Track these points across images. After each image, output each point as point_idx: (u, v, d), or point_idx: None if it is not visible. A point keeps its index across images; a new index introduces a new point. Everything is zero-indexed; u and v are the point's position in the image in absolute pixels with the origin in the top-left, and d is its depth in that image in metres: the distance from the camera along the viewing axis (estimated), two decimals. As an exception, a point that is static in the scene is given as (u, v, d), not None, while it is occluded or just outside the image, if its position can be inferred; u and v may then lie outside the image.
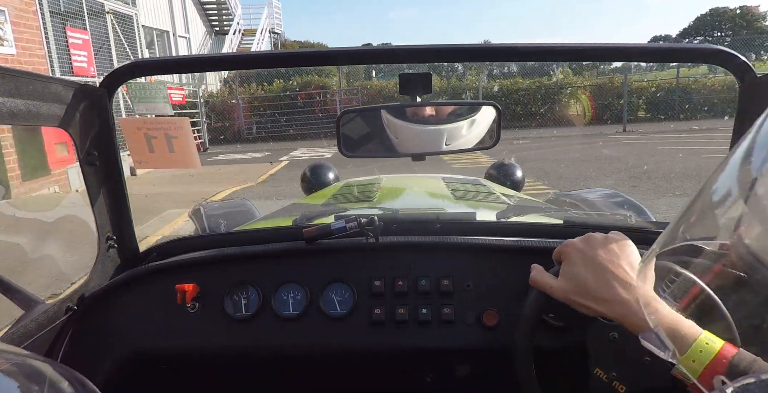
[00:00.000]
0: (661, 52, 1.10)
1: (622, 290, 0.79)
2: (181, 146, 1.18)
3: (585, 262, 0.84)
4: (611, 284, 0.80)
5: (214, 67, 1.10)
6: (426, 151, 1.18)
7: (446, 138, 1.17)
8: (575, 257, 0.85)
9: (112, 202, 1.12)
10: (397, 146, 1.18)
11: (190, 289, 1.09)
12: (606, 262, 0.82)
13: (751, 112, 0.98)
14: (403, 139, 1.17)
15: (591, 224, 1.31)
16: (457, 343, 1.07)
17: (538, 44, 1.04)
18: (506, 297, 1.08)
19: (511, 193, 2.40)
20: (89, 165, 1.06)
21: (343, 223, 1.14)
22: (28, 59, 7.93)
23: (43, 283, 3.60)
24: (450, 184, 2.29)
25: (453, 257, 1.13)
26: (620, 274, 0.81)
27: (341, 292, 1.11)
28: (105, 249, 1.13)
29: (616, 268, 0.82)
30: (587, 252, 0.84)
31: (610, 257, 0.83)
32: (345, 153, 1.14)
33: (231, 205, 2.76)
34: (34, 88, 0.90)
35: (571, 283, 0.84)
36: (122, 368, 1.09)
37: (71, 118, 1.00)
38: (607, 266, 0.82)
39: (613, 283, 0.80)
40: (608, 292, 0.80)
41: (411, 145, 1.19)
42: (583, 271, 0.83)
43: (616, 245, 0.85)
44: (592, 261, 0.83)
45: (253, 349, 1.09)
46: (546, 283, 0.87)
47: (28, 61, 7.92)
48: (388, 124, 1.16)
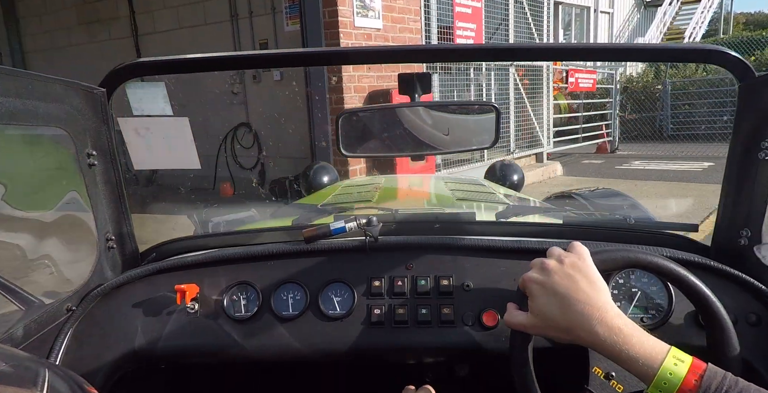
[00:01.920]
0: (660, 52, 1.10)
1: (586, 318, 0.78)
2: (181, 146, 1.18)
3: (546, 294, 0.83)
4: (575, 314, 0.79)
5: (217, 67, 1.10)
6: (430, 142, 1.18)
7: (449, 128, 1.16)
8: (536, 291, 0.84)
9: (112, 202, 1.12)
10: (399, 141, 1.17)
11: (189, 289, 1.09)
12: (565, 290, 0.81)
13: (750, 112, 0.98)
14: (410, 122, 1.16)
15: (590, 224, 1.31)
16: (457, 343, 1.07)
17: (537, 44, 1.05)
18: (506, 297, 1.08)
19: (511, 193, 2.40)
20: (89, 165, 1.06)
21: (343, 223, 1.14)
22: (397, 34, 6.41)
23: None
24: (449, 184, 2.29)
25: (452, 257, 1.13)
26: (581, 298, 0.80)
27: (341, 292, 1.12)
28: (105, 249, 1.13)
29: (576, 292, 0.81)
30: (545, 282, 0.84)
31: (568, 282, 0.82)
32: (345, 153, 1.14)
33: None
34: (34, 88, 0.90)
35: (539, 318, 0.84)
36: (122, 368, 1.09)
37: (71, 118, 1.00)
38: (568, 294, 0.81)
39: (576, 312, 0.79)
40: (574, 322, 0.79)
41: (418, 129, 1.18)
42: (546, 304, 0.83)
43: (571, 267, 0.84)
44: (552, 291, 0.82)
45: (253, 349, 1.09)
46: (519, 323, 0.87)
47: (396, 37, 6.43)
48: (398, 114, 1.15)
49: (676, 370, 0.71)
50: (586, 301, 0.80)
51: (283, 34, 6.81)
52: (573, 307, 0.80)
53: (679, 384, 0.70)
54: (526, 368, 0.88)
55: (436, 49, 1.03)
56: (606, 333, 0.76)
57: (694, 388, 0.69)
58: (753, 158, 0.98)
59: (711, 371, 0.71)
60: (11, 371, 0.48)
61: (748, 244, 1.04)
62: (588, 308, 0.79)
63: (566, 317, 0.80)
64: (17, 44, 10.07)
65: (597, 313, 0.78)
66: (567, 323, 0.80)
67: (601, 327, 0.77)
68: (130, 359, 1.08)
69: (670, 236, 1.19)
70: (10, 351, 0.56)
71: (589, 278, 0.82)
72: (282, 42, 6.95)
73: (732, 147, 1.03)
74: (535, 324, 0.84)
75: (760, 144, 0.97)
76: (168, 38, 8.12)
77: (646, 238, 1.19)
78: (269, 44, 7.09)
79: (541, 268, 0.85)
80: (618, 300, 1.04)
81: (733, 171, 1.03)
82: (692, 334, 1.01)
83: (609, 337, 0.76)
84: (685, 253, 1.10)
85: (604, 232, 1.21)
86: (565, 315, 0.80)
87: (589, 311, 0.78)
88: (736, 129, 1.01)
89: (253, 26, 7.27)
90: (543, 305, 0.83)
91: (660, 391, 0.72)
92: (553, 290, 0.82)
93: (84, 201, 1.07)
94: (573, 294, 0.80)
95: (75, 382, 0.53)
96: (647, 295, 1.04)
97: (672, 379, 0.71)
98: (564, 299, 0.81)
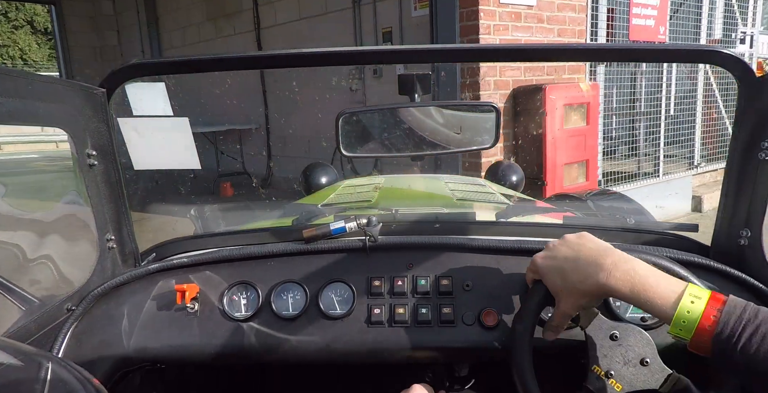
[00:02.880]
0: (659, 53, 1.10)
1: (600, 268, 0.81)
2: (182, 146, 1.18)
3: (556, 264, 0.87)
4: (589, 268, 0.82)
5: (216, 67, 1.10)
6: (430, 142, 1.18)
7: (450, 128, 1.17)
8: (546, 267, 0.89)
9: (112, 202, 1.12)
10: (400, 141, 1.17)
11: (189, 289, 1.09)
12: (574, 254, 0.86)
13: (750, 112, 0.98)
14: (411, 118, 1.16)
15: (590, 224, 1.31)
16: (457, 342, 1.07)
17: (537, 45, 1.05)
18: (506, 297, 1.08)
19: (510, 193, 2.40)
20: (89, 165, 1.06)
21: (343, 223, 1.14)
22: (554, 13, 5.04)
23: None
24: (449, 184, 2.29)
25: (452, 257, 1.13)
26: (591, 254, 0.84)
27: (341, 292, 1.12)
28: (105, 249, 1.13)
29: (585, 252, 0.85)
30: (553, 256, 0.88)
31: (575, 249, 0.86)
32: (344, 153, 1.14)
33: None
34: (34, 89, 0.90)
35: (564, 295, 0.87)
36: (122, 368, 1.09)
37: (71, 119, 1.00)
38: (577, 256, 0.85)
39: (589, 265, 0.82)
40: (590, 276, 0.82)
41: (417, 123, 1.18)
42: (560, 275, 0.86)
43: (575, 238, 0.89)
44: (562, 259, 0.86)
45: (253, 349, 1.09)
46: (560, 320, 0.91)
47: (554, 16, 5.04)
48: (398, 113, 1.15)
49: (693, 307, 0.72)
50: (596, 255, 0.83)
51: (409, 20, 5.86)
52: (585, 262, 0.83)
53: (697, 321, 0.71)
54: (526, 368, 0.88)
55: (417, 50, 1.03)
56: (622, 277, 0.78)
57: (713, 323, 0.70)
58: (753, 158, 0.98)
59: (730, 305, 0.71)
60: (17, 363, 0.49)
61: (748, 244, 1.04)
62: (600, 259, 0.81)
63: (581, 274, 0.82)
64: (156, 43, 9.98)
65: (609, 260, 0.81)
66: (586, 282, 0.82)
67: (617, 271, 0.79)
68: (129, 359, 1.08)
69: (670, 236, 1.19)
70: (15, 344, 0.57)
71: (593, 241, 0.86)
72: (408, 29, 5.93)
73: (732, 147, 1.03)
74: (565, 305, 0.87)
75: (760, 144, 0.97)
76: (287, 30, 7.52)
77: (647, 239, 1.19)
78: (393, 33, 6.09)
79: (546, 248, 0.91)
80: (618, 300, 1.04)
81: (733, 171, 1.03)
82: None
83: (625, 281, 0.77)
84: (686, 253, 1.10)
85: (604, 233, 1.21)
86: (579, 274, 0.83)
87: (602, 261, 0.81)
88: (736, 129, 1.01)
89: (377, 13, 6.30)
90: (557, 278, 0.86)
91: (681, 329, 0.72)
92: (562, 258, 0.86)
93: (84, 201, 1.07)
94: (582, 255, 0.84)
95: (80, 373, 0.53)
96: None
97: (690, 316, 0.71)
98: (575, 261, 0.84)
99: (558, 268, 0.86)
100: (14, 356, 0.50)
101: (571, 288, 0.85)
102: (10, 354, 0.50)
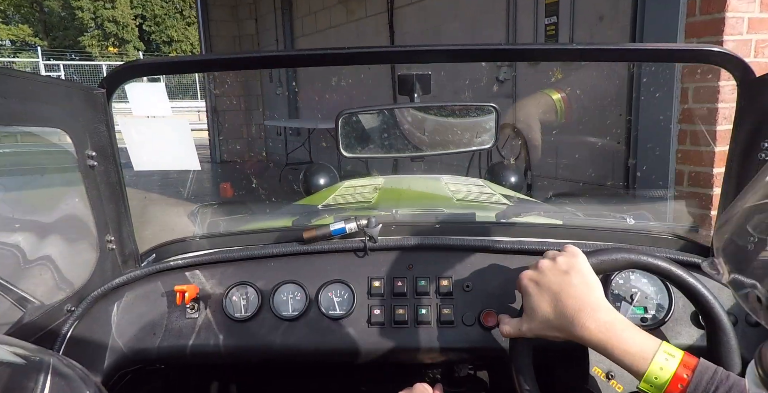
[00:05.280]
0: (658, 53, 1.10)
1: (578, 314, 0.79)
2: (181, 146, 1.18)
3: (540, 291, 0.85)
4: (567, 310, 0.80)
5: (216, 67, 1.10)
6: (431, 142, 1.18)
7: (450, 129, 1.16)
8: (530, 289, 0.86)
9: (112, 202, 1.12)
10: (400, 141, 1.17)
11: (189, 289, 1.09)
12: (557, 287, 0.83)
13: (750, 112, 0.98)
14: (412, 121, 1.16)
15: (589, 225, 1.31)
16: (457, 343, 1.07)
17: (536, 45, 1.04)
18: (506, 297, 1.08)
19: (510, 193, 2.40)
20: (89, 166, 1.06)
21: (343, 224, 1.14)
22: None
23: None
24: (449, 184, 2.29)
25: (452, 257, 1.13)
26: (573, 294, 0.81)
27: (341, 292, 1.12)
28: (105, 250, 1.13)
29: (568, 289, 0.82)
30: (539, 280, 0.85)
31: (561, 280, 0.83)
32: (344, 153, 1.14)
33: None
34: (35, 89, 0.90)
35: (534, 319, 0.85)
36: (121, 369, 1.09)
37: (71, 119, 1.00)
38: (560, 290, 0.82)
39: (568, 307, 0.80)
40: (566, 318, 0.80)
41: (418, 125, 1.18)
42: (540, 301, 0.84)
43: (564, 264, 0.85)
44: (546, 288, 0.84)
45: (253, 350, 1.09)
46: (516, 330, 0.88)
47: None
48: (397, 115, 1.15)
49: (667, 365, 0.71)
50: (578, 297, 0.81)
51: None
52: (565, 302, 0.81)
53: (670, 379, 0.71)
54: (526, 371, 0.88)
55: (416, 50, 1.02)
56: (598, 328, 0.77)
57: (685, 382, 0.70)
58: (753, 158, 0.98)
59: (702, 366, 0.71)
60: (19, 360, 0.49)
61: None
62: (580, 304, 0.80)
63: (559, 314, 0.81)
64: (289, 30, 9.83)
65: (588, 308, 0.79)
66: (559, 320, 0.81)
67: (593, 322, 0.78)
68: (129, 360, 1.08)
69: (669, 237, 1.19)
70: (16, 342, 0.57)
71: (581, 276, 0.83)
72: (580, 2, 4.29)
73: (732, 147, 1.03)
74: (529, 326, 0.85)
75: (760, 144, 0.97)
76: (422, 9, 6.28)
77: (646, 239, 1.19)
78: (560, 4, 4.39)
79: (536, 267, 0.87)
80: (618, 300, 1.04)
81: (733, 171, 1.03)
82: (692, 334, 1.01)
83: (601, 333, 0.77)
84: (685, 253, 1.10)
85: (604, 233, 1.21)
86: (557, 312, 0.81)
87: (581, 307, 0.79)
88: (735, 129, 1.01)
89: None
90: (536, 303, 0.84)
91: (651, 386, 0.72)
92: (546, 287, 0.84)
93: (84, 201, 1.07)
94: (565, 291, 0.82)
95: (81, 370, 0.54)
96: (647, 295, 1.04)
97: (662, 373, 0.71)
98: (556, 295, 0.82)
99: (538, 297, 0.85)
100: (16, 353, 0.50)
101: (543, 319, 0.83)
102: (12, 351, 0.50)
